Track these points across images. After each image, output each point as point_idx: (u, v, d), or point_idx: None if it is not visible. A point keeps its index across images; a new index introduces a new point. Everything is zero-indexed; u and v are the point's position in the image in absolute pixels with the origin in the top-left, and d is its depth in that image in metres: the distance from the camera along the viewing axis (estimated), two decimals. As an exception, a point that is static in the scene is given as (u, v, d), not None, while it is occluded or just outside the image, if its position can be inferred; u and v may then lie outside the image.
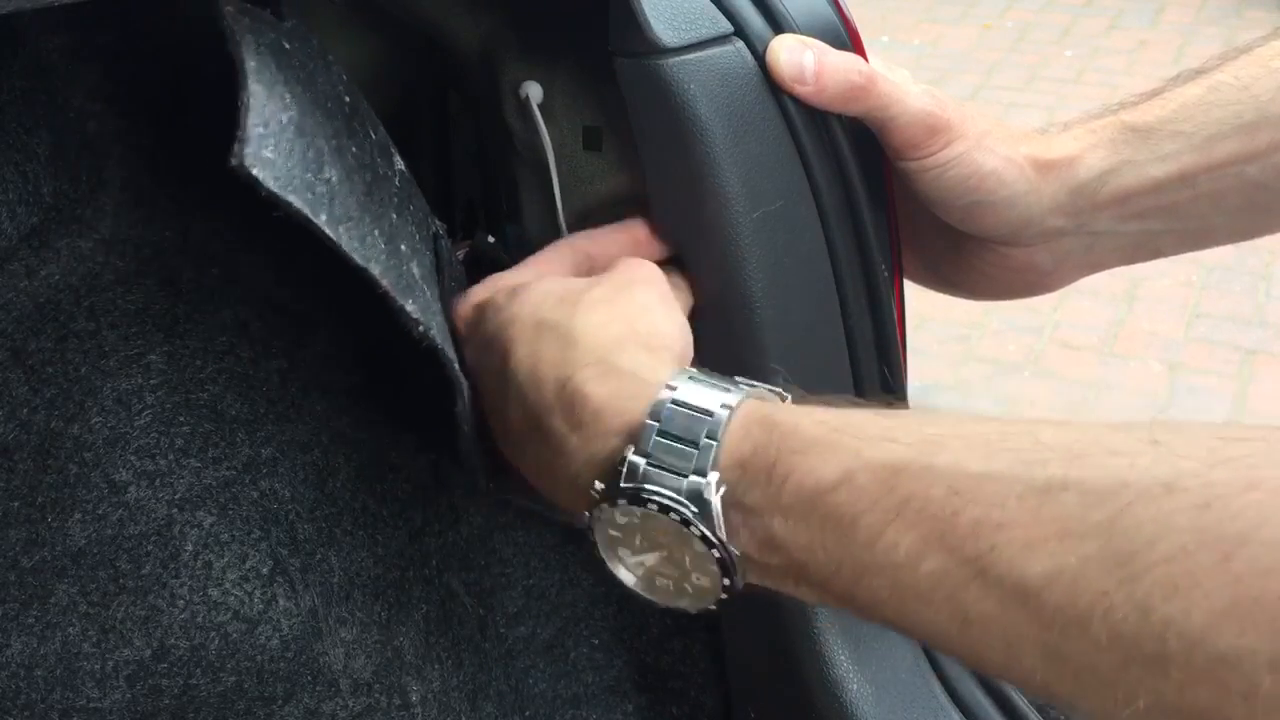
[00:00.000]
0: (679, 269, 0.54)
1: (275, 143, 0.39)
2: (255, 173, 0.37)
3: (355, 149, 0.46)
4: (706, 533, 0.40)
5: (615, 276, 0.51)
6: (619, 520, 0.42)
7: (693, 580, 0.42)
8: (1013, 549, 0.33)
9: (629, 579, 0.44)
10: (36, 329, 0.55)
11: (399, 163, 0.51)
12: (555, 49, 0.56)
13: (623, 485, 0.41)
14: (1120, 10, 3.83)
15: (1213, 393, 2.15)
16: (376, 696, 0.62)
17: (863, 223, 0.54)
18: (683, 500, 0.40)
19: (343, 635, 0.61)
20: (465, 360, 0.51)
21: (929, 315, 2.29)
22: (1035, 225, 0.54)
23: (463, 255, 0.61)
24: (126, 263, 0.58)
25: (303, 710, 0.60)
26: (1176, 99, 0.53)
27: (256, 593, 0.60)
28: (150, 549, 0.58)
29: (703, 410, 0.41)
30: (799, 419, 0.40)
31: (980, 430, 0.37)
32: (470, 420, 0.49)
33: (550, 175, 0.57)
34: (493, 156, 0.63)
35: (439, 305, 0.50)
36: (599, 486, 0.42)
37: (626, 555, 0.43)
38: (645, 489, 0.40)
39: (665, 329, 0.48)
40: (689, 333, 0.49)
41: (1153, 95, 0.54)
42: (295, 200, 0.39)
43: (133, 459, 0.57)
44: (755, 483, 0.39)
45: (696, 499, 0.40)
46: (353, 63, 0.57)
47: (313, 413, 0.62)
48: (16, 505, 0.55)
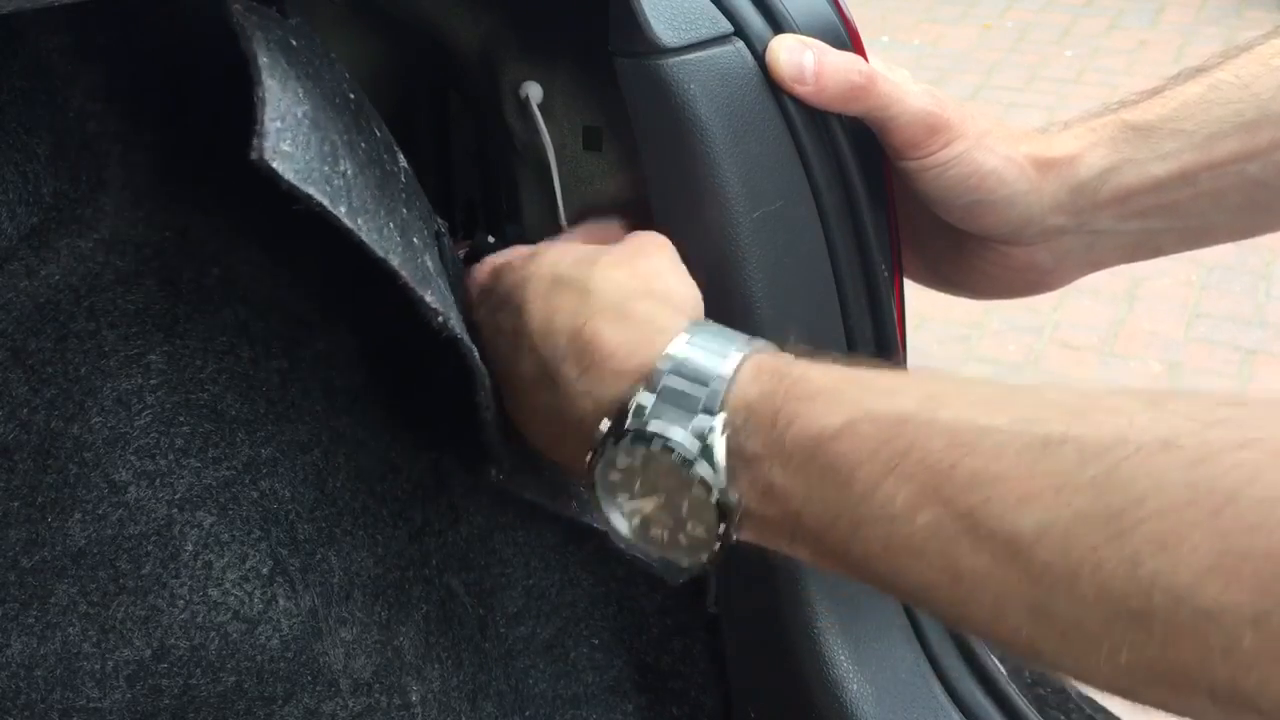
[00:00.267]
0: None
1: (293, 136, 0.39)
2: (275, 166, 0.37)
3: (364, 144, 0.46)
4: (706, 475, 0.40)
5: (630, 242, 0.52)
6: (621, 462, 0.42)
7: (688, 530, 0.42)
8: (1007, 502, 0.33)
9: (623, 527, 0.44)
10: (36, 329, 0.55)
11: (402, 160, 0.51)
12: (555, 49, 0.56)
13: (629, 424, 0.41)
14: (1120, 10, 3.83)
15: (1213, 393, 2.15)
16: (376, 696, 0.62)
17: (863, 223, 0.54)
18: (687, 440, 0.40)
19: (343, 635, 0.61)
20: (478, 323, 0.52)
21: (929, 315, 2.29)
22: (1036, 224, 0.54)
23: (463, 255, 0.61)
24: (126, 263, 0.58)
25: (303, 710, 0.60)
26: (1177, 97, 0.53)
27: (256, 593, 0.60)
28: (150, 549, 0.58)
29: (716, 353, 0.41)
30: (808, 370, 0.40)
31: (985, 389, 0.37)
32: (492, 408, 0.49)
33: (551, 175, 0.57)
34: (493, 156, 0.63)
35: (452, 298, 0.51)
36: (604, 426, 0.42)
37: (624, 501, 0.43)
38: (650, 427, 0.41)
39: (680, 289, 0.49)
40: (700, 299, 0.50)
41: (1153, 94, 0.55)
42: (315, 192, 0.39)
43: (133, 459, 0.57)
44: (759, 428, 0.39)
45: (701, 440, 0.40)
46: (353, 62, 0.57)
47: (313, 413, 0.62)
48: (16, 505, 0.55)
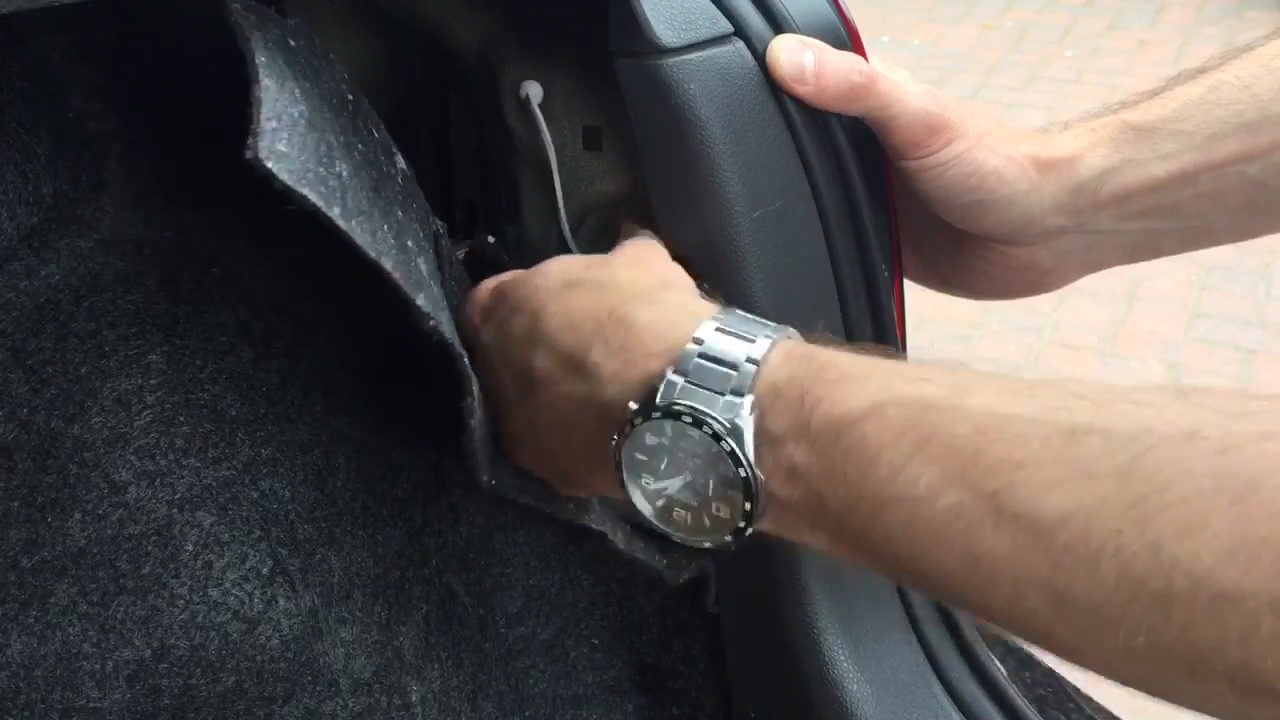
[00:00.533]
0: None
1: (288, 136, 0.39)
2: (270, 165, 0.37)
3: (361, 146, 0.46)
4: (736, 449, 0.40)
5: (629, 250, 0.52)
6: (648, 441, 0.42)
7: (712, 511, 0.42)
8: (1030, 487, 0.34)
9: (646, 509, 0.44)
10: (36, 329, 0.55)
11: (400, 161, 0.51)
12: (555, 49, 0.56)
13: (659, 401, 0.42)
14: (1120, 10, 3.83)
15: (1213, 393, 2.15)
16: (376, 696, 0.62)
17: (863, 223, 0.54)
18: (717, 416, 0.40)
19: (343, 635, 0.61)
20: (479, 343, 0.52)
21: (929, 315, 2.29)
22: (1036, 224, 0.54)
23: (463, 255, 0.61)
24: (126, 263, 0.58)
25: (303, 710, 0.60)
26: (1177, 98, 0.53)
27: (256, 593, 0.59)
28: (150, 549, 0.58)
29: (746, 338, 0.42)
30: (837, 355, 0.41)
31: (1011, 381, 0.38)
32: (478, 414, 0.49)
33: (552, 175, 0.57)
34: (493, 157, 0.63)
35: (445, 301, 0.51)
36: (633, 406, 0.42)
37: (649, 482, 0.43)
38: (680, 404, 0.41)
39: (693, 285, 0.50)
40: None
41: (1154, 94, 0.54)
42: (309, 193, 0.39)
43: (133, 459, 0.57)
44: (787, 409, 0.40)
45: (730, 419, 0.40)
46: (353, 63, 0.57)
47: (313, 413, 0.62)
48: (16, 505, 0.55)
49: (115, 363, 0.57)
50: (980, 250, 0.57)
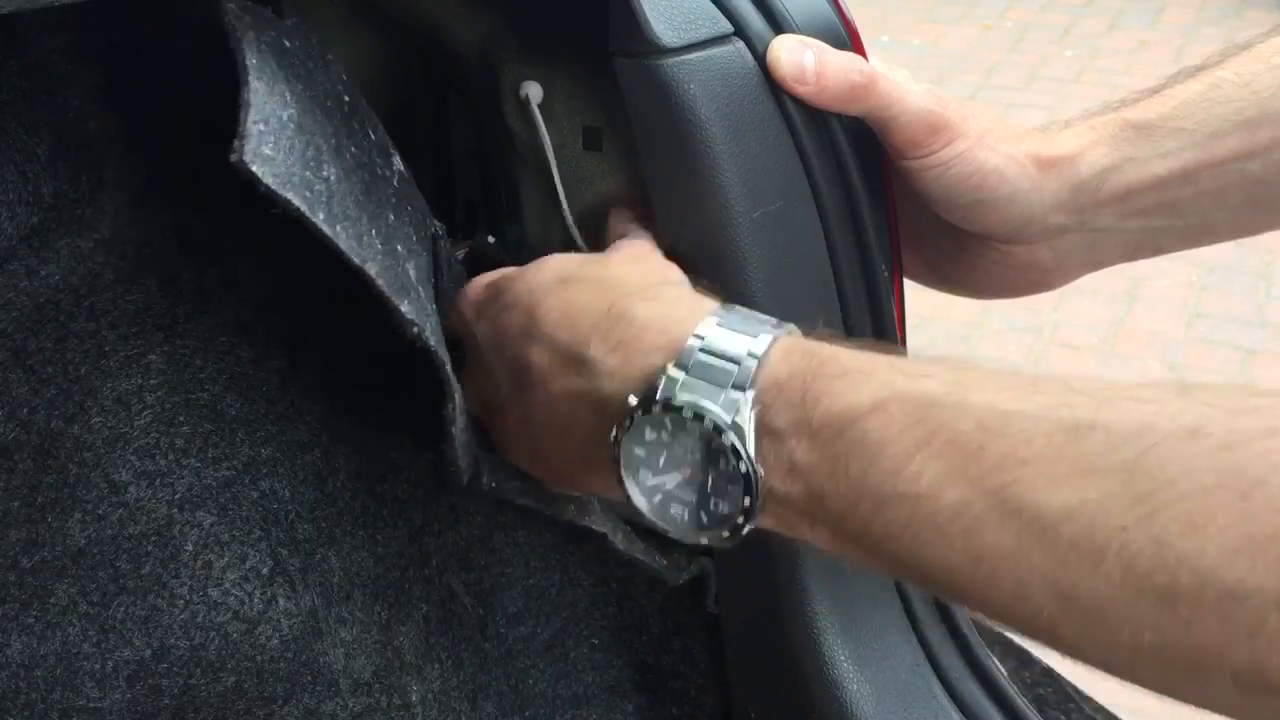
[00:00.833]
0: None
1: (275, 140, 0.39)
2: (254, 169, 0.37)
3: (354, 148, 0.46)
4: (737, 443, 0.40)
5: (624, 249, 0.52)
6: (647, 435, 0.42)
7: (710, 507, 0.42)
8: (1035, 483, 0.34)
9: (644, 504, 0.44)
10: (36, 329, 0.55)
11: (398, 163, 0.51)
12: (555, 49, 0.56)
13: (659, 395, 0.41)
14: (1120, 10, 3.83)
15: (1213, 393, 2.15)
16: (376, 696, 0.62)
17: (863, 223, 0.54)
18: (718, 410, 0.40)
19: (343, 635, 0.61)
20: (473, 336, 0.52)
21: (929, 315, 2.29)
22: (1037, 223, 0.54)
23: (463, 255, 0.61)
24: (126, 263, 0.58)
25: (303, 710, 0.60)
26: (1177, 96, 0.53)
27: (256, 593, 0.59)
28: (150, 549, 0.58)
29: (747, 334, 0.42)
30: (838, 351, 0.41)
31: (1012, 377, 0.38)
32: (459, 422, 0.49)
33: (552, 175, 0.57)
34: (493, 157, 0.63)
35: (434, 307, 0.50)
36: (633, 401, 0.42)
37: (646, 477, 0.43)
38: (681, 398, 0.41)
39: (689, 282, 0.49)
40: None
41: (1154, 92, 0.54)
42: (294, 198, 0.39)
43: (133, 459, 0.57)
44: (788, 405, 0.40)
45: (731, 415, 0.40)
46: (353, 63, 0.57)
47: (313, 413, 0.62)
48: (16, 505, 0.55)
49: (115, 363, 0.57)
50: (981, 249, 0.57)
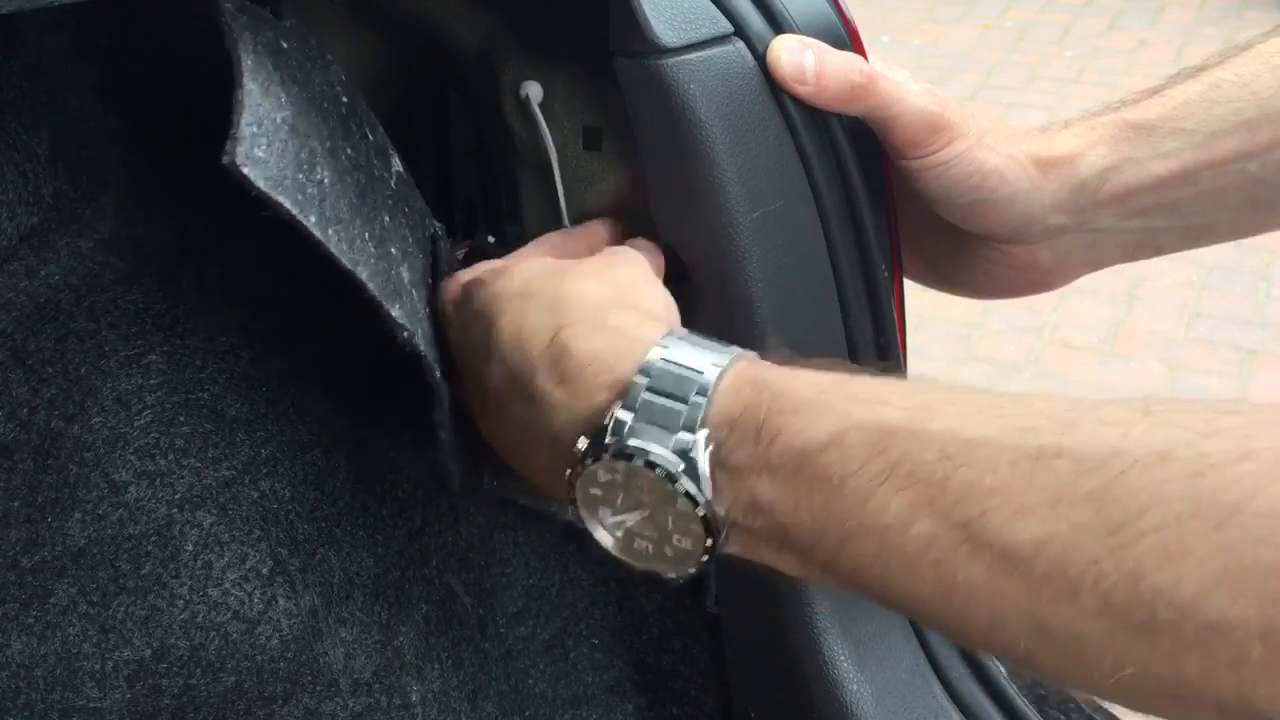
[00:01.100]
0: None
1: (268, 142, 0.39)
2: (246, 172, 0.37)
3: (350, 150, 0.46)
4: (692, 490, 0.39)
5: (601, 256, 0.51)
6: (601, 478, 0.41)
7: (674, 543, 0.41)
8: (1003, 514, 0.33)
9: (607, 540, 0.43)
10: (36, 329, 0.55)
11: (396, 164, 0.51)
12: (555, 49, 0.56)
13: (608, 440, 0.40)
14: (1120, 10, 3.83)
15: (1213, 393, 2.15)
16: (376, 696, 0.62)
17: (863, 223, 0.54)
18: (669, 456, 0.39)
19: (343, 635, 0.61)
20: (450, 340, 0.51)
21: (929, 315, 2.29)
22: (1037, 223, 0.54)
23: (463, 255, 0.61)
24: (126, 263, 0.58)
25: (303, 710, 0.60)
26: (1177, 96, 0.53)
27: (256, 593, 0.59)
28: (150, 549, 0.58)
29: (694, 369, 0.40)
30: (790, 380, 0.40)
31: (974, 398, 0.37)
32: (449, 426, 0.48)
33: (553, 175, 0.57)
34: (493, 156, 0.63)
35: (428, 310, 0.50)
36: (582, 444, 0.41)
37: (606, 515, 0.42)
38: (631, 445, 0.40)
39: (653, 298, 0.48)
40: (676, 309, 0.49)
41: (1153, 93, 0.54)
42: (285, 200, 0.39)
43: (133, 459, 0.57)
44: (743, 441, 0.39)
45: (683, 456, 0.39)
46: (352, 63, 0.56)
47: (313, 413, 0.62)
48: (16, 505, 0.55)
49: (115, 363, 0.57)
50: (981, 249, 0.57)
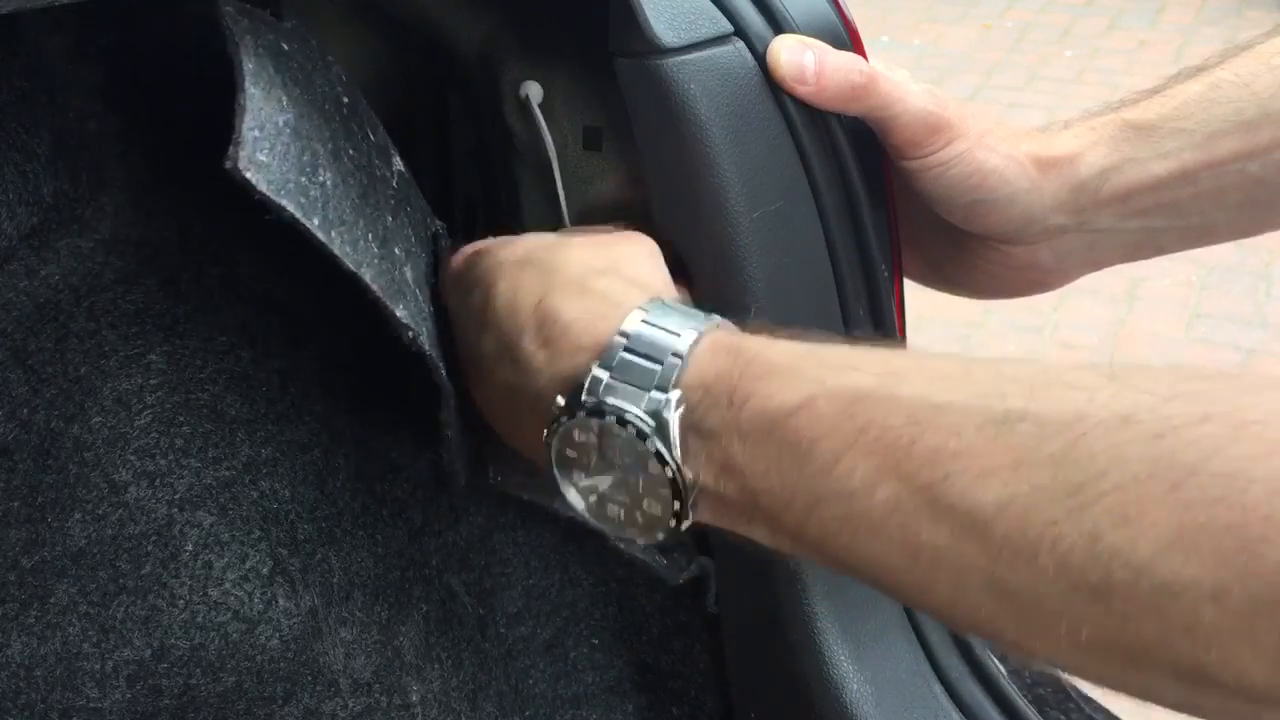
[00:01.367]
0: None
1: (270, 146, 0.39)
2: (249, 176, 0.37)
3: (352, 151, 0.46)
4: (662, 449, 0.39)
5: (608, 234, 0.52)
6: (576, 438, 0.42)
7: (644, 508, 0.42)
8: (966, 477, 0.33)
9: (579, 504, 0.44)
10: (36, 329, 0.55)
11: (398, 164, 0.51)
12: (555, 49, 0.56)
13: (584, 398, 0.41)
14: (1120, 10, 3.83)
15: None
16: (376, 696, 0.62)
17: (863, 223, 0.54)
18: (642, 415, 0.40)
19: (343, 635, 0.61)
20: (449, 307, 0.52)
21: (929, 315, 2.29)
22: (1037, 223, 0.54)
23: (463, 255, 0.61)
24: (126, 263, 0.58)
25: (303, 710, 0.60)
26: (1177, 96, 0.53)
27: (256, 593, 0.59)
28: (150, 549, 0.58)
29: (671, 331, 0.41)
30: (765, 348, 0.40)
31: (944, 365, 0.37)
32: (455, 426, 0.49)
33: (553, 175, 0.57)
34: (493, 157, 0.63)
35: (431, 309, 0.51)
36: (560, 402, 0.42)
37: (580, 478, 0.43)
38: (606, 402, 0.41)
39: (648, 272, 0.48)
40: (672, 286, 0.49)
41: (1154, 93, 0.55)
42: (289, 204, 0.39)
43: (133, 459, 0.57)
44: (716, 405, 0.39)
45: (655, 417, 0.40)
46: (353, 63, 0.57)
47: (313, 413, 0.62)
48: (16, 505, 0.55)
49: (115, 363, 0.57)
50: (981, 249, 0.57)
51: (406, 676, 0.63)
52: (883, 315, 0.56)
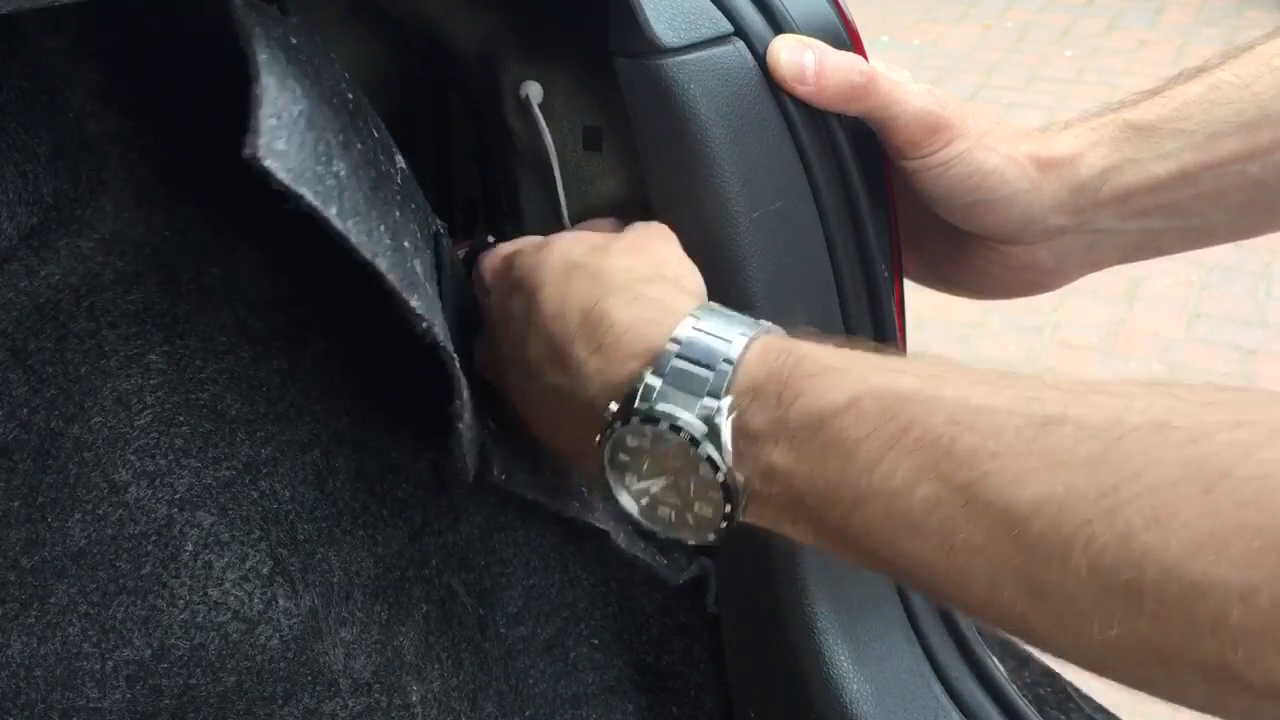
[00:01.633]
0: None
1: (287, 135, 0.39)
2: (268, 164, 0.37)
3: (360, 145, 0.46)
4: (714, 454, 0.40)
5: (636, 231, 0.52)
6: (629, 443, 0.43)
7: (695, 510, 0.42)
8: (1004, 477, 0.34)
9: (632, 507, 0.44)
10: (36, 329, 0.55)
11: (400, 161, 0.51)
12: (555, 49, 0.56)
13: (637, 405, 0.42)
14: (1120, 10, 3.83)
15: (1213, 393, 2.15)
16: (376, 696, 0.62)
17: (863, 223, 0.54)
18: (694, 422, 0.40)
19: (343, 635, 0.61)
20: (489, 309, 0.52)
21: (929, 315, 2.29)
22: (1037, 223, 0.54)
23: (463, 255, 0.61)
24: (126, 263, 0.58)
25: (303, 710, 0.60)
26: (1178, 97, 0.53)
27: (256, 593, 0.60)
28: (150, 549, 0.58)
29: (722, 338, 0.42)
30: (814, 349, 0.41)
31: (987, 373, 0.38)
32: (466, 418, 0.49)
33: (553, 175, 0.57)
34: (493, 157, 0.63)
35: (440, 303, 0.51)
36: (613, 408, 0.43)
37: (632, 481, 0.44)
38: (659, 409, 0.41)
39: (686, 274, 0.50)
40: (703, 283, 0.50)
41: (1154, 93, 0.54)
42: (306, 193, 0.39)
43: (133, 459, 0.57)
44: (765, 406, 0.40)
45: (708, 422, 0.40)
46: (353, 63, 0.57)
47: (313, 413, 0.62)
48: (16, 505, 0.55)
49: (115, 363, 0.57)
50: (981, 250, 0.57)
51: (406, 676, 0.63)
52: (883, 315, 0.56)
